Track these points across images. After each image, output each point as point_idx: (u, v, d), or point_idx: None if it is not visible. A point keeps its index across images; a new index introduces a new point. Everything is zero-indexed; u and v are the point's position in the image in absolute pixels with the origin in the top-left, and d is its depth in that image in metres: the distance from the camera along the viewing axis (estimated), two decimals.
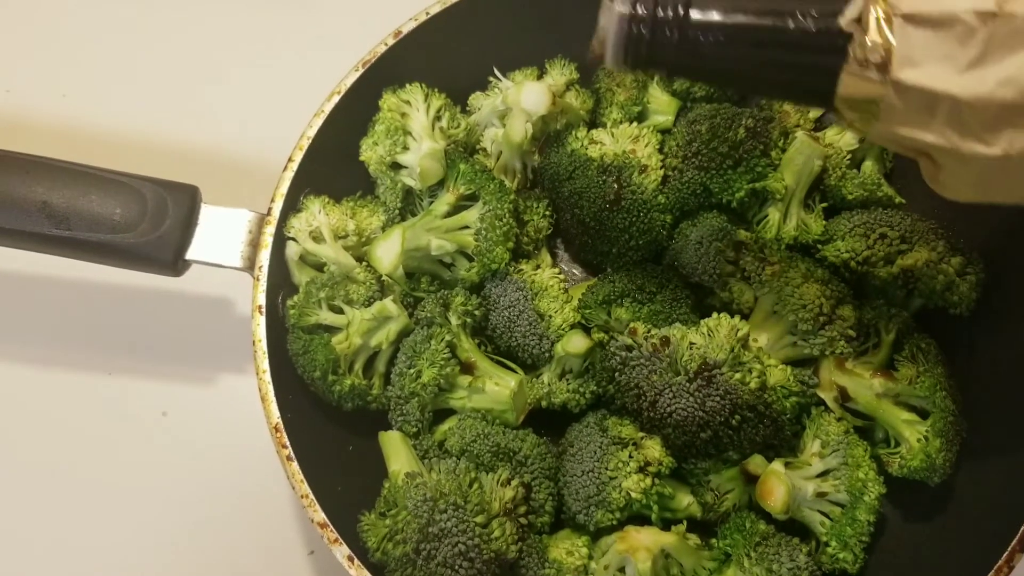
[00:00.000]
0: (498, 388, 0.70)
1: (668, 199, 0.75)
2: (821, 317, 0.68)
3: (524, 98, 0.76)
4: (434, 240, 0.72)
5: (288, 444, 0.65)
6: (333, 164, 0.75)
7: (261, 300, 0.69)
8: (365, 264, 0.74)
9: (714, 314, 0.69)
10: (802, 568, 0.63)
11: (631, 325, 0.69)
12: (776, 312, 0.70)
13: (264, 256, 0.70)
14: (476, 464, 0.67)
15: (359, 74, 0.75)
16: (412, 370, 0.69)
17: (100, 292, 0.87)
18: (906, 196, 0.76)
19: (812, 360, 0.71)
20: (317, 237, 0.73)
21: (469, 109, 0.81)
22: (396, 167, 0.76)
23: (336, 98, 0.74)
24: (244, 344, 0.76)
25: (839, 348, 0.68)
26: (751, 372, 0.65)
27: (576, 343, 0.70)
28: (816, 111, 0.79)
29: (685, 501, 0.68)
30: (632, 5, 0.47)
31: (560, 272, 0.76)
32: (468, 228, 0.73)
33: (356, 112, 0.76)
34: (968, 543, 0.64)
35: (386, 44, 0.75)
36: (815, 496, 0.66)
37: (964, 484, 0.66)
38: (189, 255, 0.70)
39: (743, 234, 0.73)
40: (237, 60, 0.98)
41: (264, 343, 0.68)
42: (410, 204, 0.77)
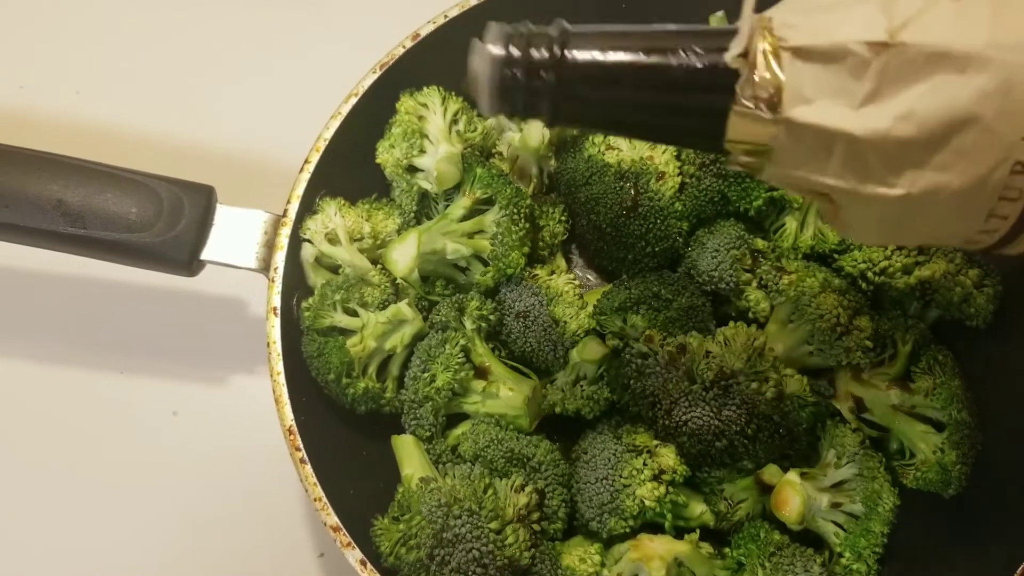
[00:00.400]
0: (512, 393, 0.70)
1: (685, 206, 0.75)
2: (838, 327, 0.67)
3: None
4: (450, 244, 0.72)
5: (302, 446, 0.64)
6: (349, 166, 0.75)
7: (276, 301, 0.69)
8: (380, 267, 0.73)
9: (731, 323, 0.69)
10: None
11: (647, 332, 0.69)
12: (793, 322, 0.70)
13: (279, 257, 0.70)
14: (490, 469, 0.67)
15: (376, 76, 0.74)
16: (426, 374, 0.69)
17: (112, 291, 0.87)
18: None
19: (828, 370, 0.71)
20: (333, 239, 0.72)
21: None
22: (412, 170, 0.76)
23: (353, 100, 0.74)
24: (255, 345, 0.76)
25: (856, 359, 0.68)
26: (768, 381, 0.65)
27: (591, 349, 0.70)
28: None
29: (698, 510, 0.68)
30: (504, 46, 0.43)
31: (575, 278, 0.76)
32: (484, 232, 0.72)
33: (373, 114, 0.75)
34: (982, 556, 0.63)
35: (404, 47, 0.75)
36: (829, 507, 0.66)
37: (979, 497, 0.66)
38: (204, 255, 0.70)
39: (760, 243, 0.73)
40: (254, 61, 0.98)
41: (279, 345, 0.68)
42: (426, 207, 0.77)
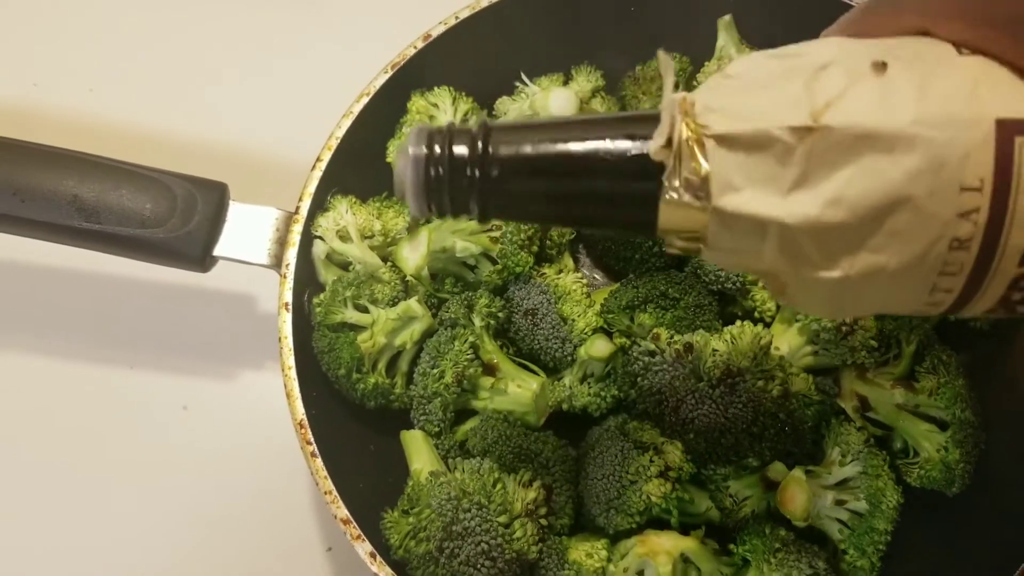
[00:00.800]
0: (520, 390, 0.71)
1: None
2: (843, 327, 0.68)
3: (551, 104, 0.77)
4: (459, 242, 0.73)
5: (312, 440, 0.65)
6: (360, 165, 0.76)
7: (288, 297, 0.70)
8: (391, 264, 0.74)
9: (737, 322, 0.69)
10: (821, 574, 0.64)
11: (654, 331, 0.70)
12: (798, 321, 0.70)
13: (291, 254, 0.71)
14: (498, 465, 0.67)
15: (388, 76, 0.75)
16: (435, 370, 0.70)
17: (123, 287, 0.88)
18: None
19: (833, 369, 0.71)
20: (344, 236, 0.73)
21: (496, 113, 0.82)
22: None
23: (365, 99, 0.75)
24: (265, 341, 0.77)
25: (860, 358, 0.68)
26: (773, 380, 0.66)
27: (599, 347, 0.71)
28: None
29: (704, 506, 0.69)
30: (427, 145, 0.41)
31: (583, 277, 0.76)
32: (492, 231, 0.73)
33: (384, 114, 0.76)
34: (985, 553, 0.64)
35: (415, 47, 0.76)
36: (834, 504, 0.67)
37: (982, 495, 0.67)
38: (217, 251, 0.71)
39: None
40: (268, 60, 0.99)
41: (290, 340, 0.68)
42: None
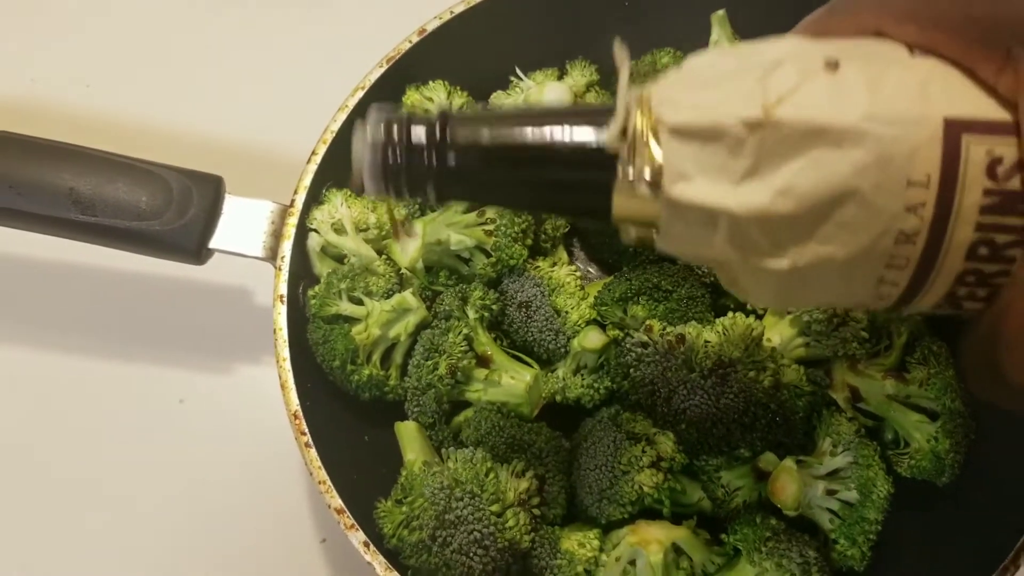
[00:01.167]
0: (514, 382, 0.71)
1: None
2: (835, 319, 0.69)
3: (545, 98, 0.77)
4: (453, 235, 0.73)
5: (307, 431, 0.66)
6: None
7: (283, 289, 0.70)
8: (385, 257, 0.75)
9: (729, 313, 0.70)
10: (812, 563, 0.64)
11: (647, 322, 0.70)
12: (790, 312, 0.71)
13: (286, 246, 0.71)
14: (491, 455, 0.68)
15: (383, 70, 0.76)
16: (429, 362, 0.70)
17: (119, 280, 0.88)
18: None
19: (825, 360, 0.72)
20: (339, 229, 0.74)
21: (490, 109, 0.83)
22: None
23: (360, 93, 0.75)
24: (261, 334, 0.77)
25: (852, 349, 0.69)
26: (765, 370, 0.66)
27: (592, 339, 0.71)
28: None
29: (696, 496, 0.69)
30: (385, 131, 0.42)
31: (576, 270, 0.77)
32: (487, 224, 0.74)
33: None
34: (975, 542, 0.65)
35: (410, 41, 0.77)
36: (825, 494, 0.67)
37: (972, 484, 0.67)
38: (212, 244, 0.71)
39: None
40: (263, 54, 0.99)
41: (285, 332, 0.69)
42: None
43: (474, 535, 0.62)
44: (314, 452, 0.65)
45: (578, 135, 0.40)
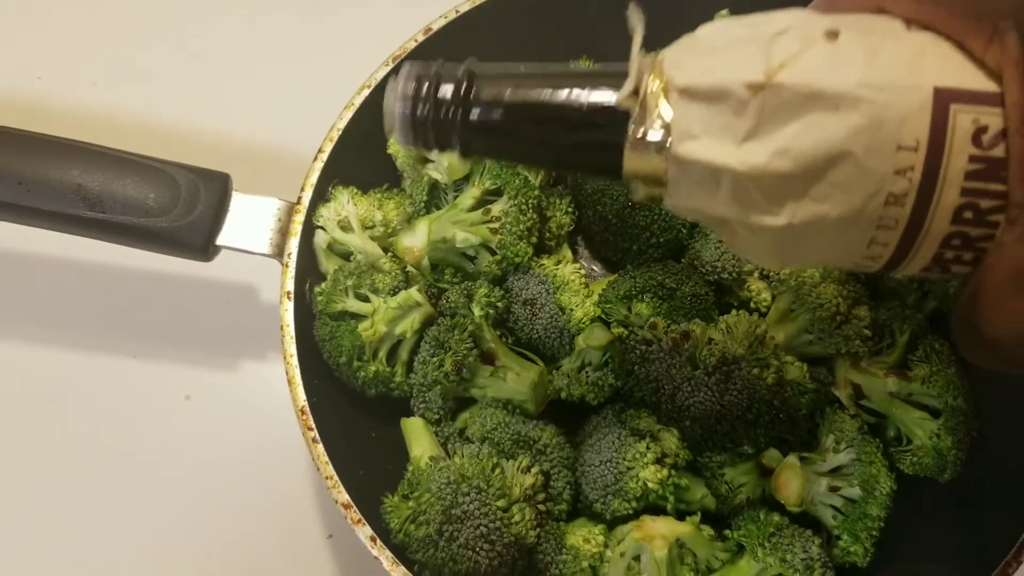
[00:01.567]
0: (519, 378, 0.71)
1: None
2: (838, 316, 0.69)
3: None
4: (459, 233, 0.74)
5: (314, 426, 0.66)
6: (362, 156, 0.77)
7: (290, 286, 0.70)
8: (391, 254, 0.75)
9: (733, 311, 0.70)
10: (815, 559, 0.65)
11: (651, 320, 0.71)
12: (793, 311, 0.71)
13: (293, 244, 0.72)
14: (497, 451, 0.68)
15: (389, 68, 0.76)
16: (435, 359, 0.71)
17: (126, 277, 0.89)
18: None
19: (828, 358, 0.72)
20: (345, 227, 0.74)
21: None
22: (423, 161, 0.78)
23: (366, 92, 0.76)
24: (267, 331, 0.78)
25: (854, 347, 0.69)
26: (769, 368, 0.66)
27: (597, 336, 0.72)
28: None
29: (700, 493, 0.70)
30: (415, 85, 0.45)
31: (581, 267, 0.77)
32: (492, 222, 0.74)
33: None
34: (977, 538, 0.65)
35: (416, 40, 0.77)
36: (828, 490, 0.68)
37: (973, 481, 0.67)
38: (219, 241, 0.72)
39: None
40: (270, 52, 1.00)
41: (292, 328, 0.69)
42: (436, 197, 0.79)
43: (480, 530, 0.62)
44: (321, 448, 0.65)
45: (593, 95, 0.43)
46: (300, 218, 0.72)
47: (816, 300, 0.69)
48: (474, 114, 0.45)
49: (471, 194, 0.75)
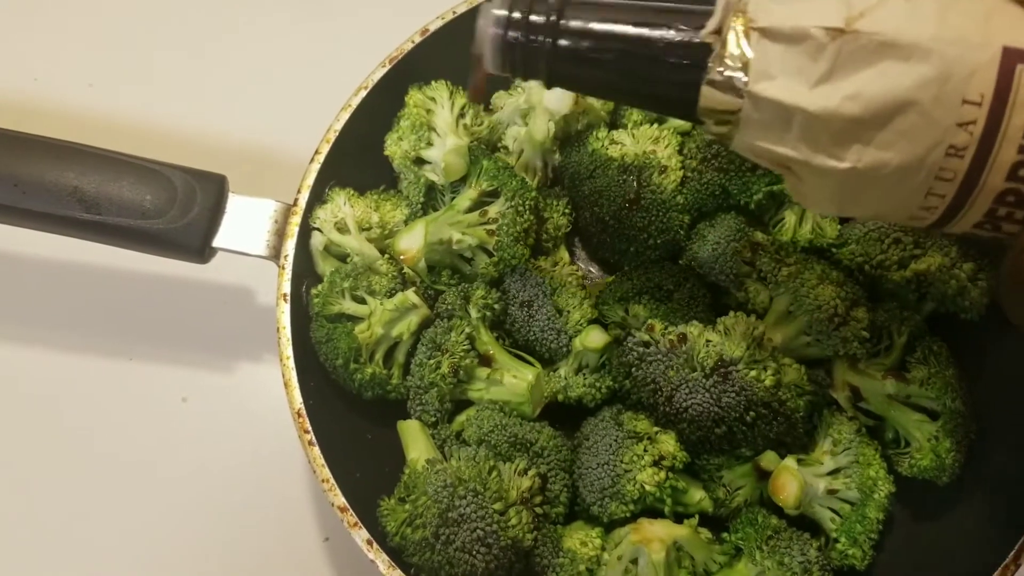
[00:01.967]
0: (516, 381, 0.71)
1: (687, 200, 0.76)
2: (836, 318, 0.69)
3: (547, 97, 0.77)
4: (456, 234, 0.74)
5: (310, 429, 0.66)
6: (358, 157, 0.77)
7: (286, 288, 0.70)
8: (388, 256, 0.75)
9: (731, 313, 0.70)
10: (813, 562, 0.64)
11: (648, 322, 0.70)
12: (791, 312, 0.71)
13: (289, 245, 0.72)
14: (494, 454, 0.68)
15: (386, 70, 0.76)
16: (432, 361, 0.70)
17: (122, 279, 0.89)
18: None
19: (826, 360, 0.72)
20: (342, 228, 0.74)
21: (492, 107, 0.83)
22: (420, 162, 0.78)
23: (363, 93, 0.76)
24: (263, 333, 0.77)
25: (852, 349, 0.69)
26: (766, 370, 0.66)
27: (594, 338, 0.71)
28: None
29: (697, 496, 0.69)
30: (508, 9, 0.48)
31: (578, 269, 0.77)
32: (489, 224, 0.74)
33: (382, 107, 0.77)
34: (975, 542, 0.65)
35: (413, 41, 0.77)
36: (826, 493, 0.67)
37: (972, 484, 0.67)
38: (216, 243, 0.72)
39: (760, 236, 0.75)
40: (267, 54, 0.99)
41: (288, 330, 0.69)
42: (432, 199, 0.79)
43: (477, 533, 0.62)
44: (317, 450, 0.65)
45: (678, 31, 0.46)
46: (296, 220, 0.72)
47: (814, 302, 0.69)
48: (563, 41, 0.47)
49: (468, 196, 0.75)
